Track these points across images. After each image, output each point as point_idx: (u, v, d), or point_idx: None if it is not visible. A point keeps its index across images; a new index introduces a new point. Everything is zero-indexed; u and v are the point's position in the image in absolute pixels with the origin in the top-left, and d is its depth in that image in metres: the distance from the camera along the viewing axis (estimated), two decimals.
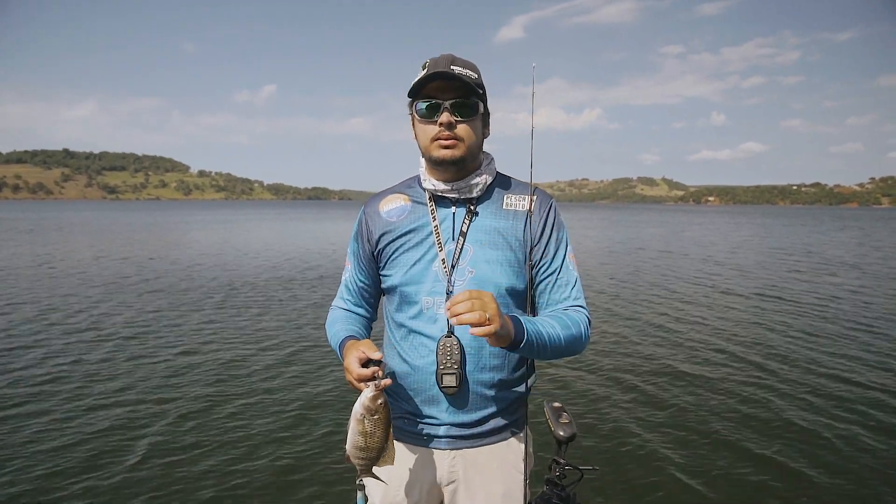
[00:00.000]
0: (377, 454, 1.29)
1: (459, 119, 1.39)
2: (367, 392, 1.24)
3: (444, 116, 1.37)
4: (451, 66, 1.37)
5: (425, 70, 1.40)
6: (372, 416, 1.24)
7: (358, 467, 1.32)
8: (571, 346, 1.39)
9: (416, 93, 1.41)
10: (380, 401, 1.24)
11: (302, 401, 4.97)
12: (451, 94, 1.38)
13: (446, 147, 1.39)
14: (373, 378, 1.25)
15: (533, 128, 1.52)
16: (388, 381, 1.27)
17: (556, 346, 1.34)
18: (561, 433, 1.66)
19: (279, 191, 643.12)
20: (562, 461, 1.67)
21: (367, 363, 1.28)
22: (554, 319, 1.37)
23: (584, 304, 1.47)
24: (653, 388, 5.46)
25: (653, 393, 5.32)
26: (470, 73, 1.39)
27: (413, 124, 1.47)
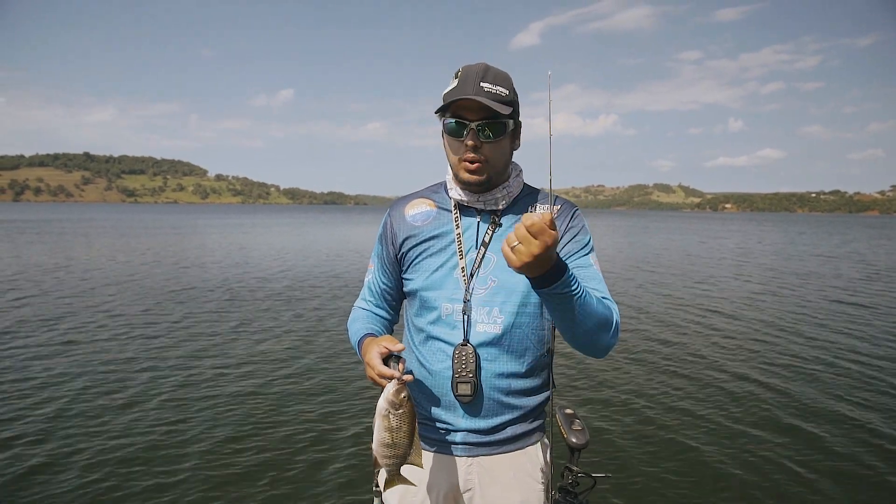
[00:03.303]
0: (405, 451, 1.27)
1: (486, 140, 1.36)
2: (391, 386, 1.23)
3: (470, 138, 1.36)
4: (481, 83, 1.33)
5: (457, 80, 1.37)
6: (396, 410, 1.23)
7: (386, 469, 1.30)
8: (599, 329, 1.28)
9: (445, 107, 1.37)
10: (403, 394, 1.23)
11: (319, 408, 4.83)
12: (478, 113, 1.35)
13: (471, 171, 1.39)
14: (392, 377, 1.25)
15: (551, 136, 1.55)
16: (410, 377, 1.27)
17: (587, 313, 1.23)
18: (574, 440, 1.66)
19: (295, 195, 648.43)
20: (574, 468, 1.67)
21: (387, 359, 1.28)
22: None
23: (612, 301, 1.39)
24: (666, 395, 5.36)
25: (666, 400, 5.23)
26: (500, 89, 1.35)
27: (443, 135, 1.45)
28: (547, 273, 1.13)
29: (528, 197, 1.52)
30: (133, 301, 9.68)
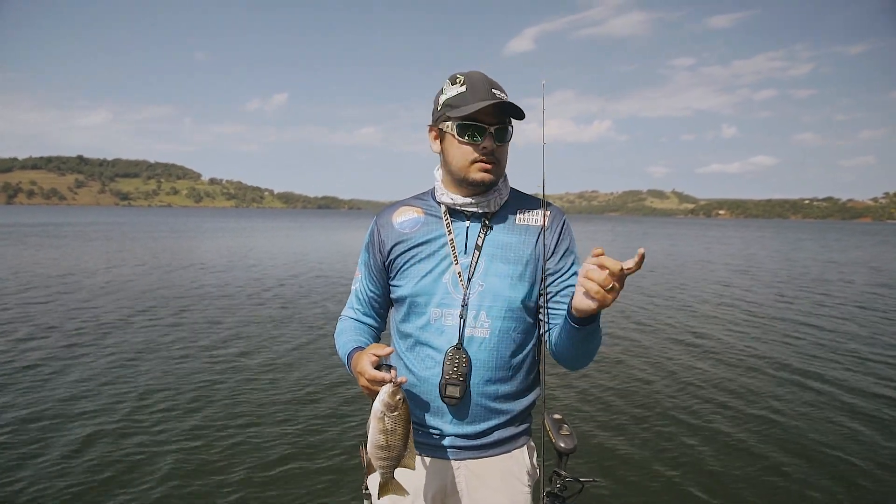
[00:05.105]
0: (399, 453, 1.28)
1: (499, 143, 1.41)
2: (387, 388, 1.24)
3: (488, 141, 1.38)
4: (493, 90, 1.39)
5: (461, 86, 1.40)
6: (392, 412, 1.24)
7: (380, 471, 1.31)
8: (593, 352, 1.38)
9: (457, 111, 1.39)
10: (399, 396, 1.24)
11: (310, 413, 4.84)
12: (493, 118, 1.38)
13: (486, 171, 1.41)
14: (384, 381, 1.26)
15: (544, 144, 1.53)
16: (404, 378, 1.28)
17: (598, 336, 1.33)
18: (562, 445, 1.68)
19: (289, 199, 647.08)
20: (562, 473, 1.69)
21: (378, 367, 1.30)
22: None
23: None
24: (654, 401, 5.38)
25: (654, 406, 5.24)
26: (505, 96, 1.41)
27: (442, 139, 1.46)
28: (584, 319, 1.21)
29: (515, 202, 1.54)
30: (132, 304, 9.64)
